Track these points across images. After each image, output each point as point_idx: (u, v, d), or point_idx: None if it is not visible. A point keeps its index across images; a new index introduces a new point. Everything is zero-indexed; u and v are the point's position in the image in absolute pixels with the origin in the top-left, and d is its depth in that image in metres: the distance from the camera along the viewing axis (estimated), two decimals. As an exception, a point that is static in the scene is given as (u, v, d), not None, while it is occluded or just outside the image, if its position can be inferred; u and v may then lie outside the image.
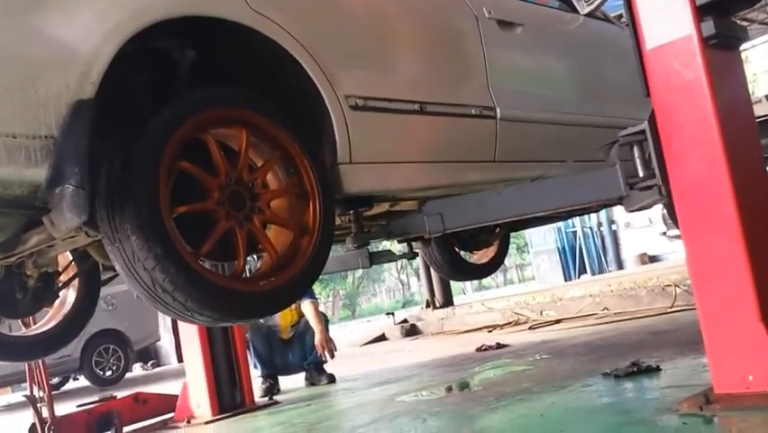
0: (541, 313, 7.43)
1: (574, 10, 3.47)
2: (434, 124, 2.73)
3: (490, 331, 7.33)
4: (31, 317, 3.25)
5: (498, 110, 2.94)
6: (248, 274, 2.35)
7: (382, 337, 9.16)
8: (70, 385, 12.07)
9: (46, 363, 4.38)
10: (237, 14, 2.18)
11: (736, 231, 2.12)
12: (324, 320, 5.36)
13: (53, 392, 4.49)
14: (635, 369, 3.23)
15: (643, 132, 2.31)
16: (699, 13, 2.18)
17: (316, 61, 2.33)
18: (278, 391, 5.30)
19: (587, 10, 3.10)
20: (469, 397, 3.63)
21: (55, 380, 10.16)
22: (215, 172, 2.15)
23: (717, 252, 2.17)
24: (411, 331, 8.97)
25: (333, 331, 5.84)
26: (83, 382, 11.21)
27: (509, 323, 7.61)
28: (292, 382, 5.50)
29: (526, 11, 3.42)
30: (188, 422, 4.50)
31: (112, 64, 1.91)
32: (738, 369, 2.22)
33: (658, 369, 3.21)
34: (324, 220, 2.30)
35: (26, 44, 1.83)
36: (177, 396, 4.74)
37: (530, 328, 6.82)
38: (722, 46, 2.20)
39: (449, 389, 3.98)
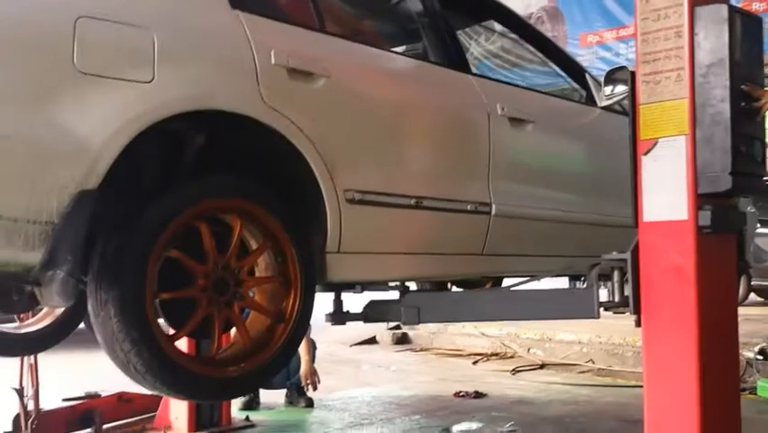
0: (528, 350, 7.43)
1: (592, 101, 3.26)
2: (426, 218, 2.72)
3: (475, 363, 7.35)
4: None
5: (493, 206, 2.89)
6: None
7: (373, 340, 9.13)
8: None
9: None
10: (252, 110, 2.20)
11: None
12: (313, 349, 5.34)
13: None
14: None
15: (624, 260, 2.36)
16: (699, 200, 2.20)
17: (321, 156, 2.34)
18: (258, 405, 5.39)
19: (605, 104, 2.90)
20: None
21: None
22: (204, 258, 2.20)
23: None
24: (402, 339, 8.96)
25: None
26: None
27: (496, 354, 7.59)
28: (272, 397, 5.50)
29: (541, 106, 3.25)
30: (165, 432, 4.60)
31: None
32: None
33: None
34: (303, 309, 2.37)
35: (39, 134, 1.86)
36: (161, 397, 4.65)
37: (513, 372, 6.77)
38: (717, 233, 2.22)
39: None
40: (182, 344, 3.01)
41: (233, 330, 2.42)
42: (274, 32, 2.38)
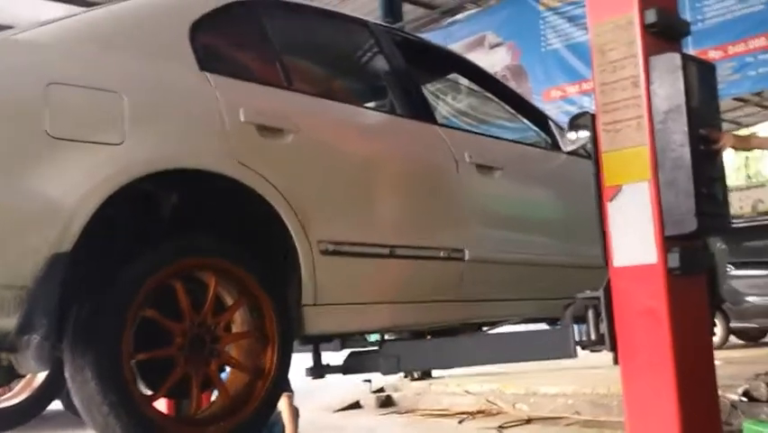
0: (514, 406, 7.40)
1: (557, 147, 3.39)
2: (401, 267, 2.75)
3: (461, 422, 7.25)
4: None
5: (466, 252, 2.94)
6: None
7: (357, 405, 8.96)
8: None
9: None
10: (223, 167, 2.24)
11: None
12: (296, 417, 5.23)
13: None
14: None
15: (597, 298, 2.41)
16: (667, 243, 2.26)
17: (293, 209, 2.37)
18: None
19: (570, 149, 3.04)
20: None
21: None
22: (180, 316, 2.20)
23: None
24: (386, 402, 8.83)
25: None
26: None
27: (482, 411, 7.54)
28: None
29: (507, 153, 3.35)
30: None
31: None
32: None
33: None
34: (281, 364, 2.37)
35: (12, 199, 1.87)
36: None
37: (499, 429, 6.63)
38: (687, 273, 2.29)
39: None
40: (161, 404, 2.96)
41: (215, 391, 2.39)
42: (242, 92, 2.44)
